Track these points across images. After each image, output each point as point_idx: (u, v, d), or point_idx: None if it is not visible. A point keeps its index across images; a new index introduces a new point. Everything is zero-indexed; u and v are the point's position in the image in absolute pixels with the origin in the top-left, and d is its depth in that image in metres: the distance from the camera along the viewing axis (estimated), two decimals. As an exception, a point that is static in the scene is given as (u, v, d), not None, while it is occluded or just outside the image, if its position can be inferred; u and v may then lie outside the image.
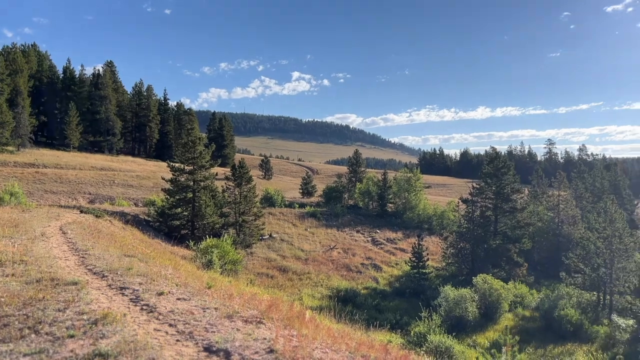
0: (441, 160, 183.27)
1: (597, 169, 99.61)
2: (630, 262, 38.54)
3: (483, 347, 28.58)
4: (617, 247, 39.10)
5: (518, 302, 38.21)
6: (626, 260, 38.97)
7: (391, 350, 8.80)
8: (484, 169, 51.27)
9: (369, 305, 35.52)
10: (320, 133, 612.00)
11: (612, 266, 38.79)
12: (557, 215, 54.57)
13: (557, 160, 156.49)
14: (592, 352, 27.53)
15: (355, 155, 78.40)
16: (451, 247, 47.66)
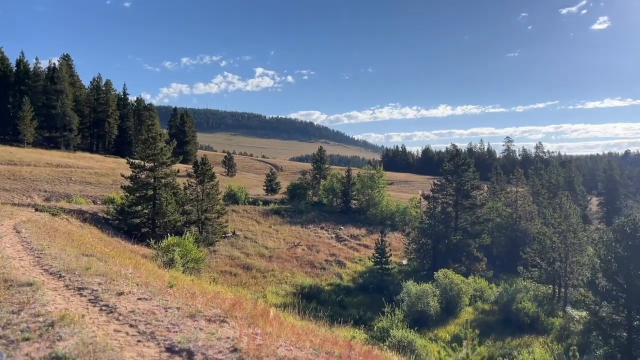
0: (404, 157, 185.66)
1: (552, 166, 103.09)
2: (584, 256, 40.06)
3: (444, 340, 29.19)
4: (572, 242, 40.61)
5: (478, 296, 39.16)
6: (580, 254, 40.50)
7: (355, 346, 8.88)
8: (444, 166, 52.23)
9: (333, 301, 35.72)
10: (284, 130, 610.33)
11: (567, 260, 40.26)
12: (515, 211, 56.17)
13: (515, 158, 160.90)
14: (548, 344, 28.51)
15: (320, 152, 78.58)
16: (413, 242, 48.40)
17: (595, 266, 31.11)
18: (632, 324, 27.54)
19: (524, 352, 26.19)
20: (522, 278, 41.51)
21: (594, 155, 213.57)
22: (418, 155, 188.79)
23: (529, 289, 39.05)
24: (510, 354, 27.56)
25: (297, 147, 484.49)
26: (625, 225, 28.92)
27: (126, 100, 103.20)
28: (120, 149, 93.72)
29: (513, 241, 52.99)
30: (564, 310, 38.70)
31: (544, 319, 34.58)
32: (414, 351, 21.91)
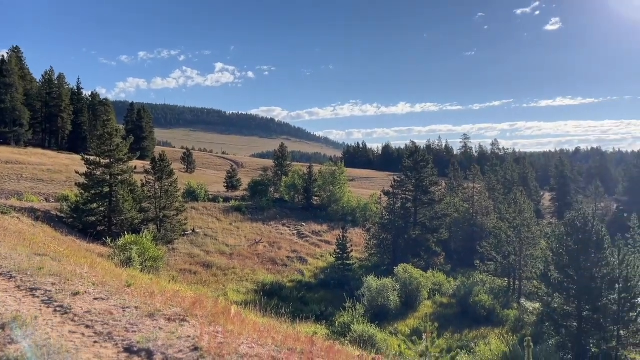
0: (364, 154, 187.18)
1: (508, 163, 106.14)
2: (537, 249, 41.49)
3: (404, 334, 29.65)
4: (526, 236, 42.01)
5: (436, 290, 39.97)
6: (533, 248, 41.94)
7: (317, 342, 8.91)
8: (404, 163, 52.97)
9: (294, 297, 35.76)
10: (245, 126, 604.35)
11: (521, 253, 41.63)
12: (472, 206, 57.61)
13: (472, 154, 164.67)
14: (504, 335, 29.43)
15: (281, 148, 78.35)
16: (374, 238, 48.92)
17: (547, 259, 32.29)
18: (581, 314, 28.74)
19: (481, 344, 26.92)
20: (478, 272, 42.66)
21: (546, 152, 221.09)
22: (378, 152, 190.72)
23: (486, 282, 40.17)
24: (467, 345, 28.30)
25: (258, 144, 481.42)
26: (576, 219, 30.14)
27: (80, 94, 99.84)
28: (74, 145, 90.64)
29: (470, 236, 54.36)
30: (518, 302, 40.00)
31: (500, 311, 35.66)
32: (375, 345, 22.20)
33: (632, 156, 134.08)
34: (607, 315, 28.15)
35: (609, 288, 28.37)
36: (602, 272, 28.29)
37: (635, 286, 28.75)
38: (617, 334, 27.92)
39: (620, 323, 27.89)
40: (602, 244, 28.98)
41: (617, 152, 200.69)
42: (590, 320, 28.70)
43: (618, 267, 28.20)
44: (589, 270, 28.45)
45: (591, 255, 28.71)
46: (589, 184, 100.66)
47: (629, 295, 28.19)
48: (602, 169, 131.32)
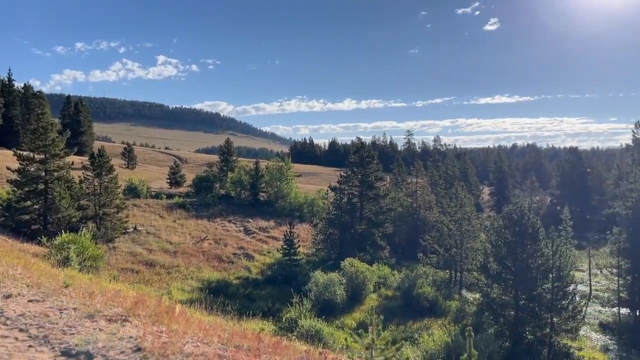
0: (311, 149, 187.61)
1: (449, 158, 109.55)
2: (477, 242, 43.07)
3: (351, 327, 30.07)
4: (466, 229, 43.50)
5: (381, 283, 40.70)
6: (473, 241, 43.50)
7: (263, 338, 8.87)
8: (350, 159, 53.57)
9: (241, 294, 35.46)
10: (189, 120, 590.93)
11: (462, 246, 43.09)
12: (415, 201, 59.01)
13: (415, 150, 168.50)
14: (446, 325, 30.35)
15: (227, 143, 77.26)
16: (321, 233, 49.22)
17: (487, 251, 33.58)
18: (518, 303, 30.10)
19: (424, 335, 27.69)
20: (422, 264, 43.81)
21: (485, 148, 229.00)
22: (325, 147, 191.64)
23: (429, 275, 41.32)
24: (412, 336, 29.03)
25: (202, 139, 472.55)
26: (513, 212, 31.48)
27: (12, 86, 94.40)
28: (5, 140, 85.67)
29: (413, 229, 55.70)
30: (460, 293, 41.42)
31: (442, 302, 36.79)
32: (322, 339, 22.37)
33: (564, 152, 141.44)
34: (542, 303, 29.63)
35: (544, 278, 29.85)
36: (537, 262, 29.72)
37: (567, 275, 30.43)
38: (551, 321, 29.44)
39: (553, 311, 29.43)
40: (537, 235, 30.44)
41: (550, 148, 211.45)
42: (526, 308, 30.10)
43: (551, 257, 29.73)
44: (525, 261, 29.81)
45: (527, 246, 30.09)
46: (525, 178, 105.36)
47: (562, 284, 29.79)
48: (537, 164, 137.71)
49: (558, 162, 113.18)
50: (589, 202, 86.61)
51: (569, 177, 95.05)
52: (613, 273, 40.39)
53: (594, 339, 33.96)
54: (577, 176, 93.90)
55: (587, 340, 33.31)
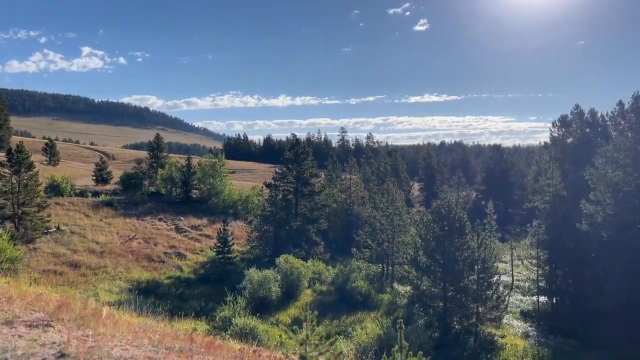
0: (246, 146, 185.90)
1: (381, 155, 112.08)
2: (407, 236, 44.38)
3: (285, 324, 30.12)
4: (397, 224, 44.71)
5: (316, 279, 41.05)
6: (404, 235, 44.80)
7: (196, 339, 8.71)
8: (285, 155, 53.52)
9: (172, 294, 34.58)
10: (116, 115, 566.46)
11: (394, 240, 44.26)
12: (349, 197, 59.94)
13: (349, 147, 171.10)
14: (378, 318, 31.05)
15: (157, 139, 74.89)
16: (255, 230, 48.88)
17: (417, 245, 34.66)
18: (446, 294, 31.34)
19: (357, 328, 28.21)
20: (355, 259, 44.60)
21: (415, 145, 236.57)
22: (260, 144, 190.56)
23: (362, 269, 42.13)
24: (345, 330, 29.50)
25: (130, 134, 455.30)
26: (441, 207, 32.69)
27: None
28: None
29: (347, 225, 56.55)
30: (391, 286, 42.56)
31: (375, 296, 37.65)
32: (257, 337, 22.23)
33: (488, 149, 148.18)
34: (468, 294, 31.00)
35: (470, 269, 31.23)
36: (464, 255, 31.05)
37: (491, 267, 32.01)
38: (477, 311, 30.87)
39: (479, 301, 30.87)
40: (464, 229, 31.81)
41: (476, 145, 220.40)
42: (454, 299, 31.40)
43: (477, 250, 31.16)
44: (452, 254, 31.06)
45: (454, 240, 31.35)
46: (452, 174, 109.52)
47: (486, 275, 31.31)
48: (464, 161, 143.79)
49: (483, 159, 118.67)
50: (511, 197, 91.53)
51: (492, 173, 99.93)
52: (533, 264, 42.95)
53: (515, 327, 35.99)
54: (500, 172, 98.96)
55: (509, 328, 35.25)
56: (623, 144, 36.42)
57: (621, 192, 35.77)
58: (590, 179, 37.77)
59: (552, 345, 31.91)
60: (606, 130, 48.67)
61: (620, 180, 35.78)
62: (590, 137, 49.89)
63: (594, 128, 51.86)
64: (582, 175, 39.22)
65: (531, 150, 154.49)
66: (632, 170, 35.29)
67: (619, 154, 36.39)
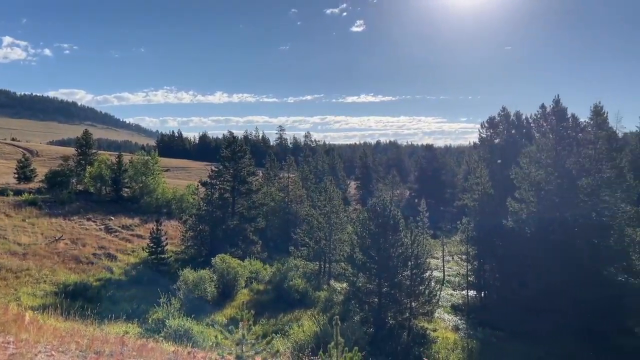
0: (180, 143, 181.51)
1: (319, 154, 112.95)
2: (344, 233, 44.99)
3: (222, 324, 29.67)
4: (335, 222, 45.23)
5: (253, 278, 40.77)
6: (341, 232, 45.39)
7: (127, 342, 8.43)
8: (222, 153, 52.74)
9: (102, 297, 33.22)
10: (40, 109, 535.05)
11: (331, 238, 44.75)
12: (287, 195, 59.94)
13: (287, 146, 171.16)
14: (315, 315, 31.27)
15: (85, 135, 71.58)
16: (190, 230, 47.88)
17: (353, 242, 35.23)
18: (381, 290, 32.06)
19: (294, 326, 28.30)
20: (293, 257, 44.68)
21: (352, 144, 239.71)
22: (195, 141, 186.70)
23: (299, 267, 42.26)
24: (283, 329, 29.50)
25: (57, 130, 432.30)
26: (376, 205, 33.39)
27: None
28: None
29: (285, 223, 56.57)
30: (328, 283, 43.02)
31: (312, 293, 37.90)
32: (191, 338, 21.79)
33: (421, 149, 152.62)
34: (402, 290, 31.88)
35: (403, 265, 32.12)
36: (398, 251, 31.89)
37: (423, 263, 33.10)
38: (410, 306, 31.82)
39: (412, 296, 31.83)
40: (398, 226, 32.66)
41: (410, 145, 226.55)
42: (389, 295, 32.18)
43: (410, 246, 32.11)
44: (387, 251, 31.81)
45: (389, 237, 32.13)
46: (387, 173, 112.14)
47: (419, 271, 32.33)
48: (398, 160, 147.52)
49: (416, 158, 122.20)
50: (442, 195, 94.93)
51: (425, 172, 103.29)
52: (463, 259, 44.79)
53: (446, 320, 37.38)
54: (433, 171, 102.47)
55: (441, 321, 36.56)
56: (545, 145, 38.64)
57: (543, 191, 37.95)
58: (516, 178, 39.79)
59: (480, 337, 33.38)
60: (530, 131, 51.35)
61: (542, 179, 37.95)
62: (516, 138, 52.51)
63: (519, 129, 54.62)
64: (508, 175, 41.19)
65: (461, 150, 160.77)
66: (552, 170, 37.53)
67: (541, 155, 38.57)
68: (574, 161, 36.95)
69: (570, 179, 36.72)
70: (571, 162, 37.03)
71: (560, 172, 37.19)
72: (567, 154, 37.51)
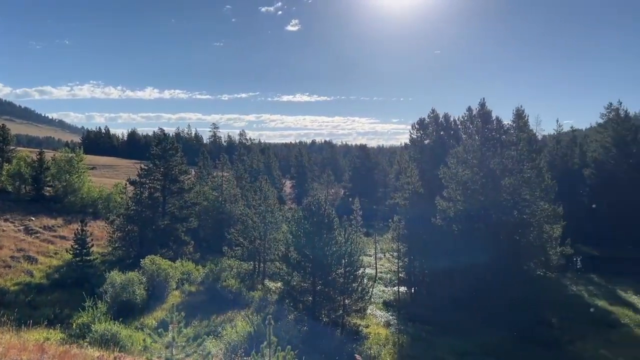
0: (107, 140, 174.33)
1: (254, 152, 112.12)
2: (279, 233, 44.85)
3: (151, 327, 28.75)
4: (270, 221, 45.01)
5: (185, 279, 39.81)
6: (276, 232, 45.22)
7: (48, 349, 7.98)
8: (152, 150, 51.15)
9: (21, 302, 31.37)
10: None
11: (266, 237, 44.49)
12: (221, 194, 59.00)
13: (221, 144, 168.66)
14: (249, 315, 30.97)
15: (2, 131, 66.97)
16: (118, 230, 46.12)
17: (288, 241, 35.21)
18: (316, 288, 32.28)
19: (227, 327, 27.89)
20: (226, 257, 44.06)
21: (288, 143, 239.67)
22: (124, 138, 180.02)
23: (233, 267, 41.75)
24: (215, 330, 29.01)
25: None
26: (311, 204, 33.57)
27: None
28: None
29: (219, 223, 55.66)
30: (263, 283, 42.77)
31: (246, 294, 37.52)
32: (119, 343, 21.03)
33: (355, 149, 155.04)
34: (336, 287, 32.27)
35: (337, 263, 32.50)
36: (332, 249, 32.22)
37: (357, 260, 33.64)
38: (343, 303, 32.27)
39: (345, 293, 32.28)
40: (332, 225, 33.01)
41: (344, 145, 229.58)
42: (323, 293, 32.47)
43: (344, 244, 32.54)
44: (321, 249, 32.05)
45: (323, 235, 32.38)
46: (322, 172, 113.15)
47: (353, 269, 32.84)
48: (333, 159, 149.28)
49: (350, 158, 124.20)
50: (375, 194, 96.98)
51: (359, 172, 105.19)
52: (394, 256, 45.99)
53: (378, 316, 38.20)
54: (366, 171, 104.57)
55: (373, 317, 37.31)
56: (471, 146, 40.44)
57: (469, 190, 39.70)
58: (444, 177, 41.35)
59: (411, 332, 34.39)
60: (458, 133, 53.51)
61: (469, 179, 39.69)
62: (444, 139, 54.54)
63: (447, 131, 56.78)
64: (437, 174, 42.75)
65: (393, 151, 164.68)
66: (478, 170, 39.34)
67: (467, 155, 40.33)
68: (498, 161, 38.91)
69: (494, 179, 38.64)
70: (495, 163, 38.97)
71: (485, 172, 39.05)
72: (491, 155, 39.43)
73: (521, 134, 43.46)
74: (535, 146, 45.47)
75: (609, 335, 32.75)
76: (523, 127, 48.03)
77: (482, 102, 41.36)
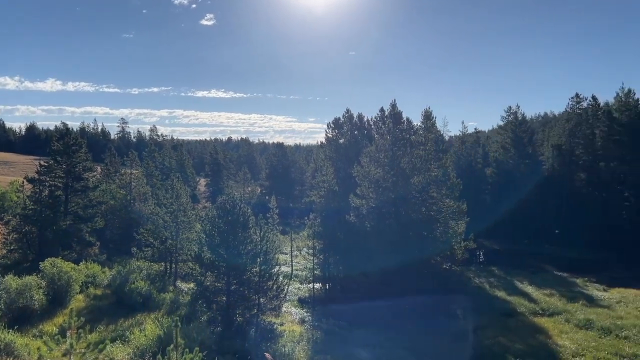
0: (3, 134, 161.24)
1: (166, 149, 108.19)
2: (192, 232, 43.64)
3: (50, 334, 26.84)
4: (182, 220, 43.68)
5: (90, 282, 37.69)
6: (189, 231, 43.96)
7: None
8: (53, 146, 47.96)
9: None
10: None
11: (178, 237, 43.11)
12: (130, 193, 56.42)
13: (130, 140, 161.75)
14: (159, 318, 29.85)
15: None
16: (14, 232, 42.95)
17: (202, 241, 34.30)
18: (230, 288, 31.73)
19: (135, 331, 26.70)
20: (135, 258, 42.22)
21: (202, 140, 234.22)
22: (21, 132, 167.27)
23: (143, 269, 40.06)
24: (123, 335, 27.65)
25: None
26: (226, 202, 32.94)
27: None
28: None
29: (127, 223, 53.17)
30: (174, 284, 41.39)
31: (157, 296, 36.10)
32: (13, 353, 19.46)
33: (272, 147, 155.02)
34: (251, 286, 31.91)
35: (252, 262, 32.15)
36: (247, 248, 31.83)
37: (272, 259, 33.49)
38: (258, 302, 31.99)
39: (260, 292, 32.02)
40: (248, 223, 32.59)
41: (261, 142, 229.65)
42: (237, 292, 31.98)
43: (260, 243, 32.26)
44: (236, 248, 31.56)
45: (238, 234, 31.89)
46: (238, 170, 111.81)
47: (268, 267, 32.65)
48: (250, 157, 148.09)
49: (267, 156, 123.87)
50: (292, 192, 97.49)
51: (276, 170, 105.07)
52: (310, 254, 46.42)
53: (293, 314, 38.35)
54: (283, 169, 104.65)
55: (288, 315, 37.39)
56: (383, 146, 41.71)
57: (381, 187, 40.92)
58: (357, 175, 42.28)
59: (325, 328, 34.82)
60: (371, 132, 55.01)
61: (381, 177, 40.91)
62: (358, 139, 55.82)
63: (361, 130, 58.17)
64: (351, 173, 43.66)
65: (310, 149, 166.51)
66: (389, 169, 40.65)
67: (379, 154, 41.55)
68: (408, 161, 40.47)
69: (404, 177, 40.15)
70: (405, 162, 40.50)
71: (396, 170, 40.46)
72: (402, 154, 40.92)
73: (429, 134, 45.51)
74: (442, 146, 47.80)
75: (507, 323, 35.09)
76: (431, 128, 50.32)
77: (394, 103, 42.82)
